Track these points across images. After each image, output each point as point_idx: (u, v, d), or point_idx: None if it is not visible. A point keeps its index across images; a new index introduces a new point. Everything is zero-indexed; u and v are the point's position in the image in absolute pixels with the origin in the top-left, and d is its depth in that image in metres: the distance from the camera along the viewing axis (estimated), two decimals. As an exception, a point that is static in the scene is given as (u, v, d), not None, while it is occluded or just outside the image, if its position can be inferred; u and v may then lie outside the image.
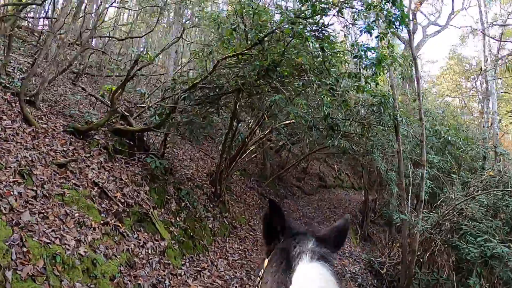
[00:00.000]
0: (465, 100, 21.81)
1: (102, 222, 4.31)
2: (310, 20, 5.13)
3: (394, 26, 4.29)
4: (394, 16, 4.32)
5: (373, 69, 4.74)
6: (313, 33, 4.95)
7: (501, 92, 18.92)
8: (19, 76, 7.30)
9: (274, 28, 4.99)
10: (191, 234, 5.31)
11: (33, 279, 3.13)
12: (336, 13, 4.94)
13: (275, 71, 4.85)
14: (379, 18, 4.59)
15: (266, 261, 1.14)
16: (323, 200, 15.36)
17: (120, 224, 4.48)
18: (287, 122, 7.90)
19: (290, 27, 4.43)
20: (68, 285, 3.30)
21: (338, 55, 6.16)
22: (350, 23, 5.22)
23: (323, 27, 5.10)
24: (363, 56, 4.65)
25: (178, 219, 5.32)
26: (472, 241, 6.62)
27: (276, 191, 12.55)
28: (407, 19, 4.78)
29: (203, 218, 6.15)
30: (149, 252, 4.48)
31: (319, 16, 5.00)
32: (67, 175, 4.68)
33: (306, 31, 4.52)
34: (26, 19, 10.20)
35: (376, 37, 5.02)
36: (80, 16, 8.90)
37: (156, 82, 10.69)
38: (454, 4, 16.92)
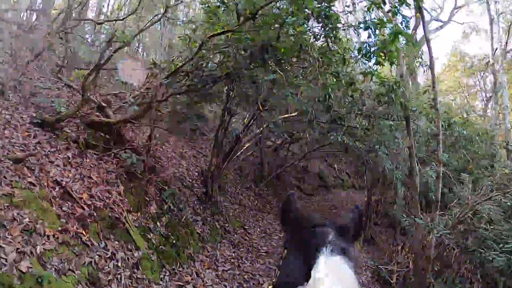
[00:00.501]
0: (467, 99, 21.00)
1: (60, 229, 3.49)
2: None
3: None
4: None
5: (385, 48, 3.91)
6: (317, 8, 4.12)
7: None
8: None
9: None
10: (174, 241, 4.49)
11: None
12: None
13: (271, 48, 4.04)
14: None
15: (285, 251, 1.12)
16: (323, 200, 14.53)
17: (83, 231, 3.66)
18: (286, 115, 7.11)
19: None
20: (-3, 313, 2.48)
21: (342, 41, 5.37)
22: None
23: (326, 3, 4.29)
24: (374, 30, 3.83)
25: (158, 224, 4.50)
26: (493, 247, 5.80)
27: (275, 191, 11.72)
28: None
29: (190, 222, 5.33)
30: (119, 264, 3.66)
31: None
32: (22, 172, 3.86)
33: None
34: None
35: (388, 12, 4.22)
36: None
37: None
38: (457, -2, 16.14)
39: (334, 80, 3.89)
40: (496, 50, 11.81)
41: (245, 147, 8.01)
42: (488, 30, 21.04)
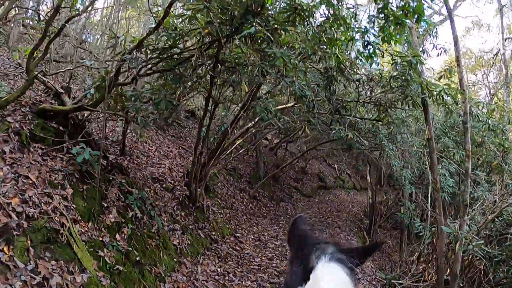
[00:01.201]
0: (471, 95, 20.06)
1: (-33, 247, 2.50)
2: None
3: None
4: None
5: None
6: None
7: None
8: None
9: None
10: (138, 258, 3.48)
11: None
12: None
13: (261, 10, 3.06)
14: None
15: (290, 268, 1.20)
16: (323, 202, 13.51)
17: (5, 248, 2.66)
18: (282, 106, 6.15)
19: None
20: None
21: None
22: None
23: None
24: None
25: (117, 237, 3.49)
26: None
27: (271, 193, 10.72)
28: None
29: (165, 232, 4.32)
30: (53, 294, 2.66)
31: None
32: None
33: None
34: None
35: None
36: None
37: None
38: (461, -9, 15.20)
39: (346, 37, 2.90)
40: (506, 40, 10.85)
41: (237, 143, 7.02)
42: (491, 24, 20.15)
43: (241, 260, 5.25)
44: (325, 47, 4.23)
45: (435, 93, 4.18)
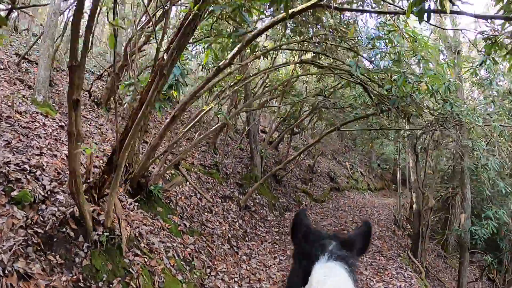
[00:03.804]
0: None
1: None
2: None
3: None
4: None
5: None
6: None
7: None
8: None
9: None
10: None
11: None
12: None
13: None
14: None
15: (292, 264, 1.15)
16: (340, 208, 10.07)
17: None
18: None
19: None
20: None
21: None
22: None
23: None
24: None
25: None
26: None
27: (273, 199, 7.32)
28: None
29: None
30: None
31: None
32: None
33: None
34: None
35: None
36: None
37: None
38: None
39: None
40: None
41: (205, 111, 3.69)
42: None
43: None
44: None
45: None
